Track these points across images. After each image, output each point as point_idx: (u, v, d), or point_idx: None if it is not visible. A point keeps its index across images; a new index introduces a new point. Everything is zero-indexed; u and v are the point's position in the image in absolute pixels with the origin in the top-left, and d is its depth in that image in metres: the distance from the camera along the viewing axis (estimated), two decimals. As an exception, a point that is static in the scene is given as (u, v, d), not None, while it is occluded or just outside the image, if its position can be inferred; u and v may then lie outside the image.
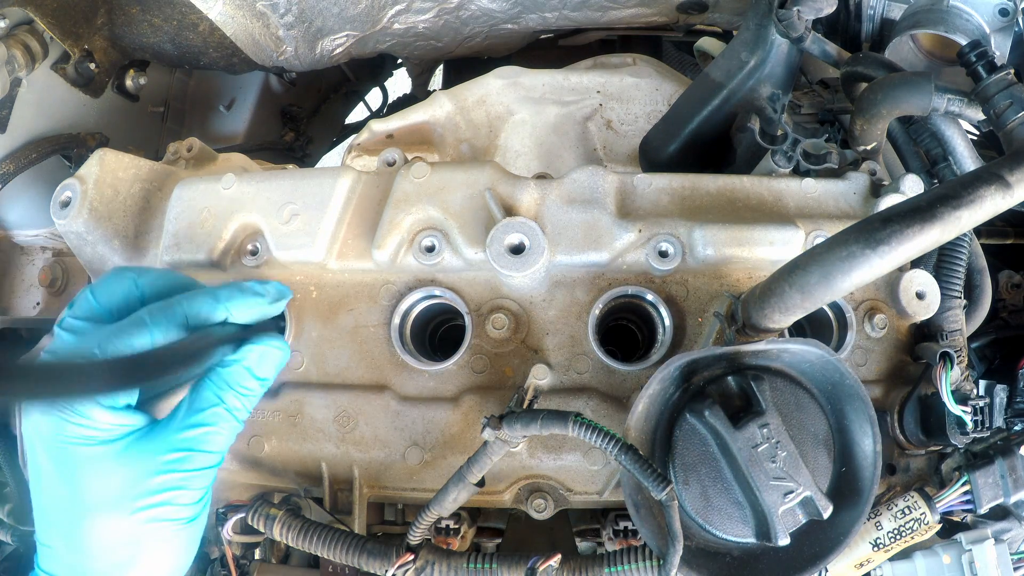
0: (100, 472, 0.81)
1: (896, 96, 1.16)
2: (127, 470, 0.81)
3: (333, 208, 1.18)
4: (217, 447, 0.86)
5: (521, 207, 1.16)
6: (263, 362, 0.90)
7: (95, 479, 0.81)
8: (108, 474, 0.81)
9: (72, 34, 1.56)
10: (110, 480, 0.81)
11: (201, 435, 0.84)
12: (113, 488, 0.80)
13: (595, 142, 1.63)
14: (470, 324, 1.16)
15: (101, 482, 0.80)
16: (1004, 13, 1.27)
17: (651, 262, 1.13)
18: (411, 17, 1.81)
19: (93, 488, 0.80)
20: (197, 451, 0.83)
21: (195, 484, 0.84)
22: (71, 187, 1.28)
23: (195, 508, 0.86)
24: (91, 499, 0.81)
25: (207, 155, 1.49)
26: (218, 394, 0.86)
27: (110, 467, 0.81)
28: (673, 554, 0.89)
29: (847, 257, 0.82)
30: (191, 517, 0.86)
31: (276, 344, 0.93)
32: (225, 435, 0.87)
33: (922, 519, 1.08)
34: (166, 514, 0.82)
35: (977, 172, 0.87)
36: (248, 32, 1.72)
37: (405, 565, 0.99)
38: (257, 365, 0.89)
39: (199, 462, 0.84)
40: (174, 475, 0.82)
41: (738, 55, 1.33)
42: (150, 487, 0.81)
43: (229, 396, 0.87)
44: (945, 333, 1.17)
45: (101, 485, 0.80)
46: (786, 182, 1.22)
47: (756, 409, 0.94)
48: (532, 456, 1.14)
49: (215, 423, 0.85)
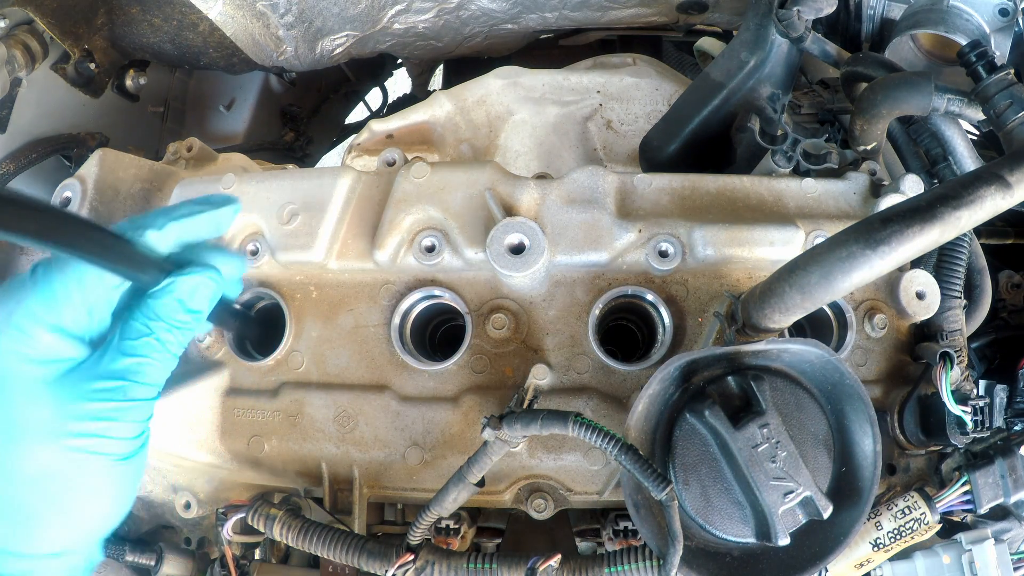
0: (32, 396, 0.78)
1: (896, 96, 1.16)
2: (58, 397, 0.78)
3: (333, 208, 1.18)
4: (150, 379, 0.82)
5: (521, 207, 1.16)
6: (195, 294, 0.86)
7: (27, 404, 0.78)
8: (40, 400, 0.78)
9: (72, 34, 1.56)
10: (41, 406, 0.78)
11: (132, 365, 0.81)
12: (44, 415, 0.78)
13: (595, 142, 1.63)
14: (470, 324, 1.16)
15: (33, 408, 0.78)
16: (1004, 13, 1.27)
17: (651, 262, 1.13)
18: (411, 17, 1.81)
19: (25, 413, 0.78)
20: (129, 381, 0.80)
21: (128, 417, 0.81)
22: (71, 187, 1.28)
23: (129, 444, 0.82)
24: (23, 425, 0.78)
25: (207, 155, 1.49)
26: (147, 324, 0.82)
27: (42, 392, 0.78)
28: (673, 554, 0.89)
29: (847, 257, 0.82)
30: (125, 454, 0.82)
31: (208, 275, 0.87)
32: (158, 367, 0.83)
33: (922, 519, 1.07)
34: (97, 446, 0.79)
35: (977, 172, 0.87)
36: (248, 32, 1.72)
37: (405, 565, 0.98)
38: (188, 296, 0.85)
39: (132, 393, 0.80)
40: (105, 404, 0.79)
41: (738, 55, 1.33)
42: (79, 413, 0.78)
43: (159, 327, 0.83)
44: (945, 333, 1.17)
45: (33, 411, 0.78)
46: (786, 182, 1.22)
47: (756, 409, 0.94)
48: (532, 456, 1.14)
49: (146, 354, 0.82)
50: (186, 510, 1.26)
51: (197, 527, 1.33)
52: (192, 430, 1.20)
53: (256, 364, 1.20)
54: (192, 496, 1.26)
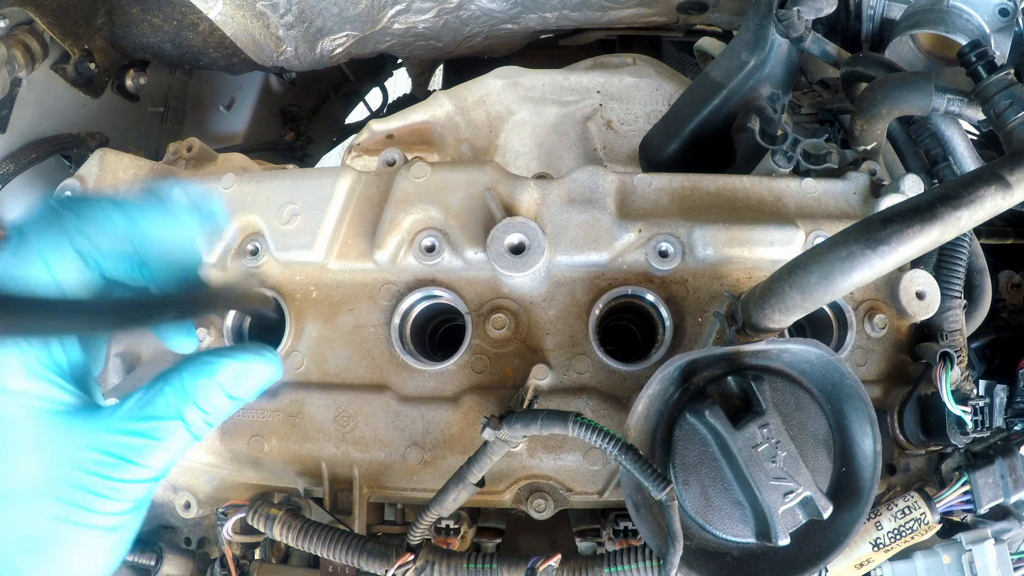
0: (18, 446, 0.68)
1: (896, 96, 1.16)
2: (46, 452, 0.68)
3: (333, 208, 1.18)
4: (157, 463, 0.72)
5: (521, 207, 1.16)
6: (242, 380, 0.76)
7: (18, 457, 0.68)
8: (26, 451, 0.68)
9: (72, 34, 1.56)
10: (29, 461, 0.68)
11: (141, 445, 0.70)
12: (32, 471, 0.68)
13: (595, 142, 1.63)
14: (470, 324, 1.16)
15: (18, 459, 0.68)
16: (1004, 13, 1.27)
17: (651, 262, 1.13)
18: (411, 17, 1.82)
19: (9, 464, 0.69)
20: (129, 462, 0.70)
21: (122, 496, 0.70)
22: (71, 187, 1.28)
23: (118, 519, 0.72)
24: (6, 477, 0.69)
25: (207, 155, 1.49)
26: (178, 406, 0.72)
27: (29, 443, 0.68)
28: (673, 554, 0.89)
29: (847, 257, 0.82)
30: (112, 527, 0.72)
31: (263, 361, 0.78)
32: (171, 452, 0.72)
33: (922, 519, 1.07)
34: (82, 518, 0.69)
35: (977, 172, 0.87)
36: (248, 32, 1.72)
37: (405, 565, 0.98)
38: (233, 383, 0.75)
39: (130, 474, 0.70)
40: (96, 480, 0.69)
41: (738, 55, 1.33)
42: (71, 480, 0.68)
43: (190, 411, 0.72)
44: (945, 333, 1.17)
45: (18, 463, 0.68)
46: (786, 182, 1.22)
47: (756, 409, 0.94)
48: (532, 456, 1.14)
49: (162, 437, 0.71)
50: (186, 510, 1.26)
51: (197, 527, 1.33)
52: (192, 430, 1.19)
53: (256, 364, 1.20)
54: (192, 496, 1.26)
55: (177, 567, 1.29)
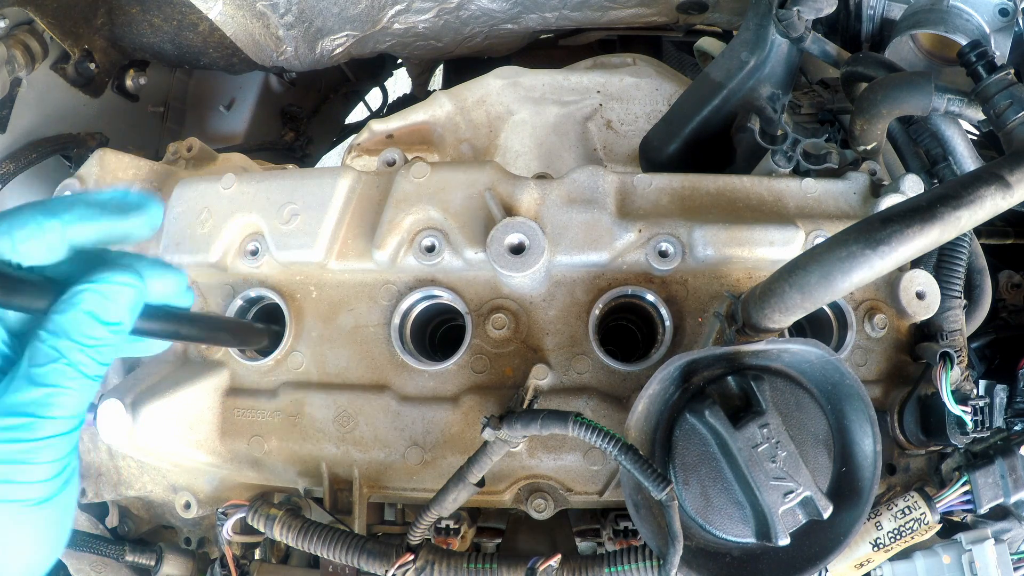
0: None
1: (896, 96, 1.16)
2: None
3: (333, 208, 1.18)
4: (66, 411, 0.69)
5: (521, 207, 1.16)
6: (109, 303, 0.72)
7: None
8: None
9: (72, 34, 1.56)
10: None
11: (42, 396, 0.68)
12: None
13: (595, 142, 1.63)
14: (470, 324, 1.16)
15: None
16: (1004, 13, 1.27)
17: (651, 262, 1.13)
18: (411, 17, 1.82)
19: None
20: (38, 417, 0.68)
21: (41, 457, 0.68)
22: (71, 187, 1.29)
23: (46, 487, 0.69)
24: None
25: (207, 155, 1.49)
26: (56, 347, 0.69)
27: None
28: (673, 554, 0.89)
29: (847, 257, 0.82)
30: (42, 497, 0.69)
31: (122, 280, 0.73)
32: (75, 395, 0.70)
33: (922, 519, 1.08)
34: (5, 493, 0.67)
35: (977, 172, 0.87)
36: (248, 32, 1.72)
37: (405, 565, 0.98)
38: (101, 308, 0.71)
39: (43, 430, 0.68)
40: (10, 446, 0.67)
41: (738, 55, 1.33)
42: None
43: (70, 349, 0.70)
44: (945, 333, 1.17)
45: None
46: (786, 182, 1.22)
47: (756, 409, 0.94)
48: (532, 456, 1.14)
49: (58, 382, 0.69)
50: (186, 510, 1.26)
51: (197, 527, 1.33)
52: (192, 430, 1.19)
53: (256, 364, 1.20)
54: (192, 496, 1.26)
55: (177, 567, 1.29)
